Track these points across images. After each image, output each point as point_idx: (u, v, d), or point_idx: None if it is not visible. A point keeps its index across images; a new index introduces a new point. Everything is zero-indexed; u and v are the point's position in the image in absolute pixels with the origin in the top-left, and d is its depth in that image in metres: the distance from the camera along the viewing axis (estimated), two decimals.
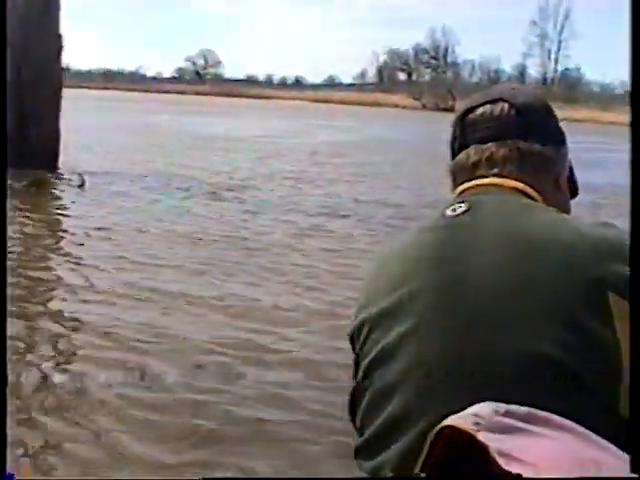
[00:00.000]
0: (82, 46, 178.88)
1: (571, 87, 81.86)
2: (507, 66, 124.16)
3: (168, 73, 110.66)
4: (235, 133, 23.33)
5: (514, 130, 1.29)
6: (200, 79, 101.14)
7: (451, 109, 67.21)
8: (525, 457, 0.82)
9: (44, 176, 10.67)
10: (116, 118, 26.58)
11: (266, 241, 7.26)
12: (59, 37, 12.06)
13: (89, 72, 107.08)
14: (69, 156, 12.36)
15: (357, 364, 1.24)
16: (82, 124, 19.17)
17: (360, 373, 1.22)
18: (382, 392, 1.15)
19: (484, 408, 0.91)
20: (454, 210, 1.23)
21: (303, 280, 5.82)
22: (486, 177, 1.29)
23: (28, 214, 8.08)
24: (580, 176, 1.43)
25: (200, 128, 24.35)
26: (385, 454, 1.11)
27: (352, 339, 1.27)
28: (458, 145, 1.35)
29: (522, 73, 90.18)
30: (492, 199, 1.23)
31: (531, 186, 1.27)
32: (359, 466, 1.18)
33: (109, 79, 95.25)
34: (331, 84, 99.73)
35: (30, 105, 11.11)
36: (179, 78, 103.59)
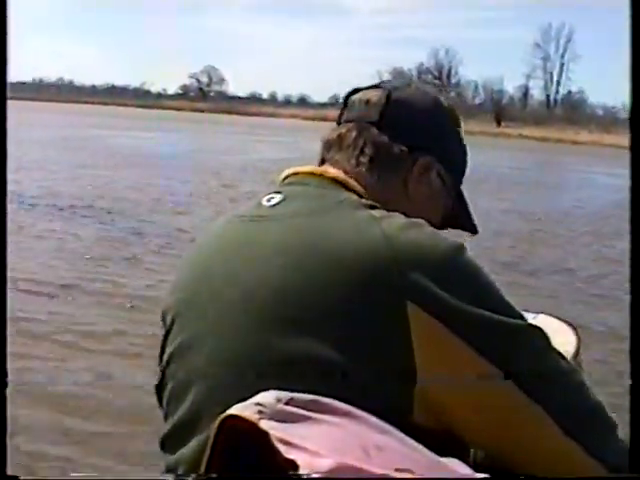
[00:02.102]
0: (86, 61, 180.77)
1: (574, 109, 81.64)
2: (510, 87, 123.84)
3: (173, 90, 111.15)
4: (168, 150, 23.35)
5: (375, 117, 1.26)
6: (204, 96, 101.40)
7: None
8: (306, 444, 0.83)
9: None
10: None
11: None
12: None
13: (93, 87, 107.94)
14: None
15: (163, 348, 1.22)
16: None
17: (164, 362, 1.21)
18: (179, 387, 1.15)
19: (267, 397, 0.91)
20: (269, 200, 1.21)
21: None
22: (325, 162, 1.29)
23: None
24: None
25: (140, 143, 24.57)
26: (183, 449, 1.11)
27: (163, 321, 1.25)
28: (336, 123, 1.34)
29: (525, 94, 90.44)
30: (308, 192, 1.21)
31: (357, 178, 1.24)
32: (164, 459, 1.17)
33: (113, 95, 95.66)
34: (336, 103, 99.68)
35: None
36: (183, 95, 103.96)
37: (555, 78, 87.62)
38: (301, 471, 0.81)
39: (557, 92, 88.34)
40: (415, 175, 1.29)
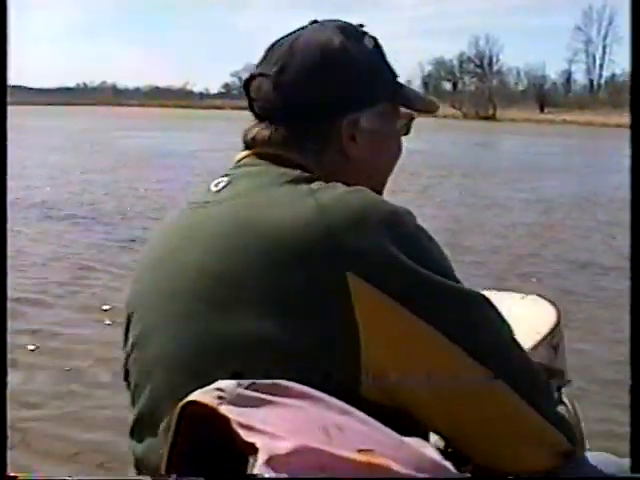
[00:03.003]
0: (130, 64, 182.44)
1: (618, 92, 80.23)
2: (552, 73, 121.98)
3: (215, 89, 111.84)
4: (179, 147, 22.96)
5: (277, 111, 1.24)
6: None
7: (492, 117, 66.45)
8: (266, 427, 0.84)
9: None
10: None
11: None
12: None
13: (136, 89, 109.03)
14: None
15: (125, 340, 1.24)
16: None
17: (126, 352, 1.23)
18: (140, 376, 1.16)
19: (228, 382, 0.91)
20: (217, 185, 1.21)
21: None
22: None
23: None
24: None
25: (152, 143, 24.32)
26: (152, 439, 1.12)
27: (126, 312, 1.27)
28: (250, 110, 1.31)
29: (568, 79, 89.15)
30: (250, 172, 1.21)
31: (298, 154, 1.22)
32: (133, 448, 1.17)
33: (156, 96, 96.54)
34: None
35: None
36: (226, 94, 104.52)
37: (598, 62, 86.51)
38: (260, 454, 0.81)
39: (600, 76, 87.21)
40: (346, 140, 1.24)
